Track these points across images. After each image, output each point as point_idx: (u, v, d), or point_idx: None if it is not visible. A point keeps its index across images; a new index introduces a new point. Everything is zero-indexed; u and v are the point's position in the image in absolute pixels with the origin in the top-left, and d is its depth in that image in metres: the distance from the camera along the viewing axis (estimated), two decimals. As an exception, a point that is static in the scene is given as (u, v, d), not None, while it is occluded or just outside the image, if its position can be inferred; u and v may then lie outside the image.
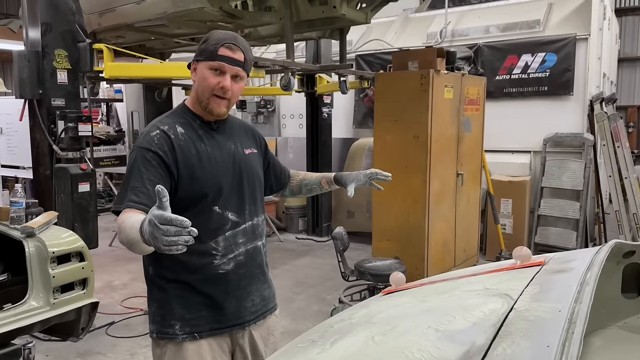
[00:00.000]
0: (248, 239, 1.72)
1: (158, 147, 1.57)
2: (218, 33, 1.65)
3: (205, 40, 1.64)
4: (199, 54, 1.63)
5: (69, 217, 3.94)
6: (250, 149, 1.79)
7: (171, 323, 1.64)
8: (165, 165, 1.57)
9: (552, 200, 5.87)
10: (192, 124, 1.67)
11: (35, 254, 2.73)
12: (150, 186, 1.49)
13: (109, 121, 9.87)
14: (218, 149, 1.68)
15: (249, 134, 1.85)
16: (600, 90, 5.96)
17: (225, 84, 1.60)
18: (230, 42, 1.60)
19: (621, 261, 1.41)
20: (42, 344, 3.47)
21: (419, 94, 4.03)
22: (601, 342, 1.30)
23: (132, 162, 1.58)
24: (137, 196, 1.49)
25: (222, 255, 1.65)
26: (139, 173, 1.54)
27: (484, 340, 0.97)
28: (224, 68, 1.60)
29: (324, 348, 1.23)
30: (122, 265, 5.79)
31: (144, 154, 1.56)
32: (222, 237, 1.65)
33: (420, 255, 4.14)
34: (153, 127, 1.64)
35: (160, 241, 1.17)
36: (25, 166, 7.34)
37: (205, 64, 1.61)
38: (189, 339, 1.64)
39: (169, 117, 1.68)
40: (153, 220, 1.18)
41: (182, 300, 1.65)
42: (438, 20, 6.98)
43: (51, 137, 4.14)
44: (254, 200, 1.76)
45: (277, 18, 4.42)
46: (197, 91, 1.66)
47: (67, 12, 4.26)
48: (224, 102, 1.64)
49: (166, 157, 1.57)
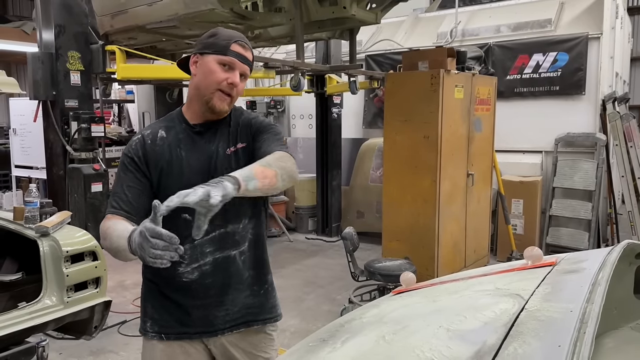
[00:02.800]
0: (217, 248, 1.62)
1: (134, 153, 1.62)
2: (226, 30, 1.64)
3: (212, 34, 1.61)
4: (206, 47, 1.59)
5: (82, 216, 3.99)
6: (235, 146, 1.65)
7: (144, 319, 1.72)
8: (140, 170, 1.61)
9: (563, 200, 5.82)
10: (175, 128, 1.66)
11: (49, 253, 2.76)
12: (128, 192, 1.58)
13: (120, 122, 9.95)
14: (195, 152, 1.63)
15: (244, 128, 1.68)
16: (612, 90, 5.90)
17: (235, 79, 1.57)
18: (242, 41, 1.61)
19: (634, 262, 1.40)
20: (55, 342, 3.51)
21: (429, 94, 4.02)
22: (613, 343, 1.29)
23: (118, 168, 1.67)
24: (116, 202, 1.57)
25: (186, 264, 1.61)
26: (119, 179, 1.62)
27: (495, 340, 0.98)
28: (235, 64, 1.57)
29: (335, 347, 1.24)
30: (134, 264, 5.80)
31: (124, 160, 1.64)
32: (188, 246, 1.57)
33: (430, 255, 4.13)
34: (140, 131, 1.69)
35: (147, 253, 1.23)
36: (38, 166, 7.43)
37: (214, 57, 1.57)
38: (157, 338, 1.68)
39: (158, 122, 1.73)
40: (144, 232, 1.23)
41: (153, 301, 1.71)
42: (448, 19, 6.95)
43: (64, 138, 4.19)
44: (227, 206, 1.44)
45: (287, 19, 4.44)
46: (198, 86, 1.60)
47: (80, 14, 4.31)
48: (228, 99, 1.60)
49: (139, 161, 1.61)
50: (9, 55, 10.89)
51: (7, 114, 9.30)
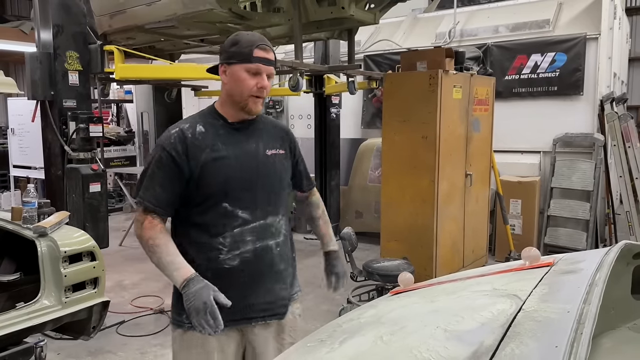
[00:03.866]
0: (258, 237, 1.75)
1: (172, 147, 1.67)
2: (245, 35, 1.72)
3: (234, 43, 1.69)
4: (231, 56, 1.69)
5: (80, 217, 3.98)
6: (275, 150, 1.83)
7: (180, 312, 1.73)
8: (177, 165, 1.67)
9: (562, 200, 5.83)
10: (214, 124, 1.75)
11: (47, 254, 2.76)
12: (164, 188, 1.68)
13: (119, 122, 9.95)
14: (237, 148, 1.74)
15: (278, 134, 1.89)
16: (610, 90, 5.91)
17: (264, 83, 1.69)
18: (263, 44, 1.69)
19: (631, 262, 1.41)
20: (53, 342, 3.51)
21: (427, 94, 4.02)
22: (611, 343, 1.30)
23: (150, 159, 1.72)
24: (153, 198, 1.68)
25: (227, 250, 1.71)
26: (154, 174, 1.69)
27: (492, 341, 0.98)
28: (261, 69, 1.68)
29: (333, 347, 1.24)
30: (133, 264, 5.83)
31: (160, 154, 1.69)
32: (229, 233, 1.71)
33: (428, 255, 4.13)
34: (176, 124, 1.75)
35: (196, 319, 1.54)
36: (37, 166, 7.43)
37: (241, 66, 1.68)
38: (193, 329, 1.68)
39: (194, 117, 1.78)
40: (208, 307, 1.53)
41: None
42: (447, 20, 6.95)
43: (63, 138, 4.18)
44: (269, 201, 1.79)
45: (285, 19, 4.44)
46: (231, 93, 1.73)
47: (79, 14, 4.30)
48: (260, 101, 1.74)
49: (178, 156, 1.67)
50: (7, 55, 10.88)
51: (6, 113, 9.29)
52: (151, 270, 5.54)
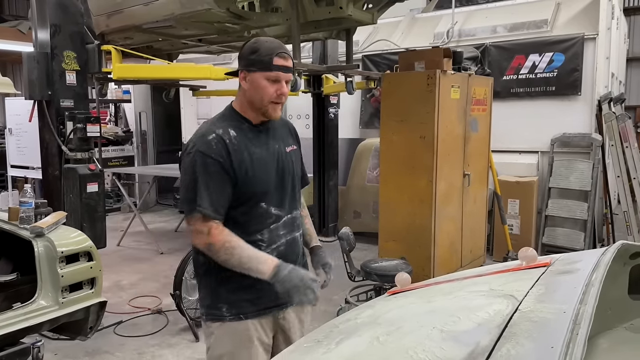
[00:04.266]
0: (288, 230, 1.89)
1: (217, 154, 1.72)
2: (265, 42, 1.76)
3: (254, 50, 1.74)
4: (251, 64, 1.74)
5: (77, 217, 3.98)
6: (291, 146, 1.95)
7: (218, 306, 1.81)
8: (225, 170, 1.73)
9: (559, 200, 5.83)
10: (241, 127, 1.80)
11: (44, 254, 2.75)
12: (214, 194, 1.72)
13: (117, 122, 9.93)
14: (265, 149, 1.83)
15: (289, 130, 2.00)
16: (608, 90, 5.91)
17: (284, 90, 1.77)
18: (282, 51, 1.75)
19: (628, 262, 1.41)
20: (50, 342, 3.50)
21: (425, 95, 4.02)
22: (607, 343, 1.30)
23: (193, 166, 1.73)
24: (214, 206, 1.71)
25: (266, 245, 1.82)
26: (204, 180, 1.71)
27: (489, 341, 0.98)
28: (280, 77, 1.75)
29: (330, 348, 1.24)
30: (130, 264, 5.83)
31: (205, 160, 1.71)
32: (266, 230, 1.83)
33: (426, 255, 4.13)
34: (208, 130, 1.76)
35: (298, 297, 1.66)
36: (34, 166, 7.42)
37: (261, 74, 1.73)
38: (235, 319, 1.80)
39: (221, 121, 1.81)
40: (305, 283, 1.66)
41: (230, 285, 1.80)
42: (445, 20, 6.96)
43: (60, 138, 4.18)
44: (293, 195, 1.92)
45: (283, 19, 4.43)
46: (251, 99, 1.78)
47: (76, 13, 4.29)
48: (280, 106, 1.81)
49: (225, 162, 1.73)
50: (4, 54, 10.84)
51: (3, 113, 9.28)
52: (149, 271, 5.58)
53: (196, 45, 5.39)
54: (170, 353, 3.68)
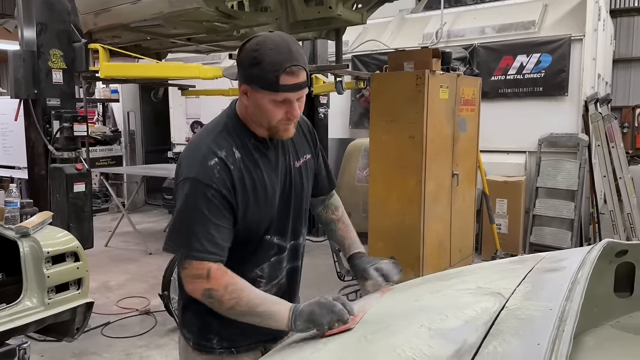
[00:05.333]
0: (289, 260, 1.65)
1: (221, 185, 1.40)
2: (269, 52, 1.35)
3: (255, 63, 1.36)
4: (252, 79, 1.38)
5: (64, 217, 3.93)
6: (304, 157, 1.63)
7: (209, 337, 1.59)
8: (229, 203, 1.42)
9: (547, 200, 5.89)
10: (247, 145, 1.48)
11: (29, 254, 2.72)
12: (215, 232, 1.39)
13: (105, 121, 9.85)
14: (272, 170, 1.52)
15: (304, 134, 1.66)
16: (595, 91, 5.98)
17: (293, 112, 1.43)
18: (291, 65, 1.36)
19: (614, 260, 1.42)
20: (37, 344, 3.46)
21: (414, 95, 4.03)
22: (594, 341, 1.31)
23: (189, 199, 1.40)
24: (202, 245, 1.38)
25: (266, 282, 1.59)
26: (202, 216, 1.39)
27: (476, 339, 0.98)
28: (290, 98, 1.40)
29: (317, 347, 1.24)
30: (118, 265, 5.78)
31: (205, 191, 1.39)
32: (267, 264, 1.58)
33: (415, 255, 4.14)
34: (209, 151, 1.42)
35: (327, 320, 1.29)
36: (20, 166, 7.31)
37: (265, 94, 1.38)
38: (226, 353, 1.60)
39: (222, 137, 1.47)
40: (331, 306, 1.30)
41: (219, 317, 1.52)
42: (434, 21, 6.99)
43: (46, 137, 4.13)
44: (299, 220, 1.65)
45: (273, 18, 4.42)
46: (254, 118, 1.47)
47: (63, 11, 4.25)
48: (292, 124, 1.48)
49: (229, 195, 1.42)
50: (-10, 53, 10.71)
51: (-12, 112, 9.13)
52: (137, 271, 5.54)
53: (185, 44, 5.36)
54: (159, 354, 3.65)
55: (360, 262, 1.66)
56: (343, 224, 1.80)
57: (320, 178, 1.75)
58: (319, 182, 1.76)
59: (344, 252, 1.76)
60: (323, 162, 1.76)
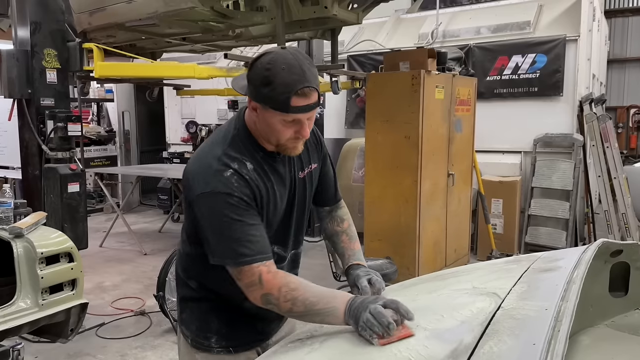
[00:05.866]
0: (289, 269, 1.63)
1: (240, 191, 1.39)
2: (281, 72, 1.33)
3: (267, 82, 1.34)
4: (262, 99, 1.37)
5: (58, 217, 3.91)
6: (309, 167, 1.62)
7: (207, 335, 1.61)
8: (251, 206, 1.43)
9: (542, 200, 5.91)
10: (256, 157, 1.47)
11: (23, 255, 2.70)
12: (255, 231, 1.40)
13: (99, 121, 9.81)
14: (280, 182, 1.53)
15: (311, 143, 1.63)
16: (589, 91, 6.00)
17: (303, 132, 1.42)
18: (303, 87, 1.34)
19: (609, 260, 1.42)
20: (31, 345, 3.44)
21: (410, 95, 4.04)
22: (589, 340, 1.31)
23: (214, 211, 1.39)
24: (248, 249, 1.38)
25: None
26: (234, 222, 1.38)
27: (472, 339, 0.98)
28: (301, 119, 1.39)
29: (314, 347, 1.23)
30: (113, 266, 5.75)
31: (228, 200, 1.38)
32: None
33: (411, 255, 4.15)
34: (221, 164, 1.41)
35: (375, 328, 1.19)
36: (14, 166, 7.26)
37: (274, 114, 1.37)
38: (224, 352, 1.61)
39: (232, 148, 1.45)
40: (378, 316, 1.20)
41: (220, 316, 1.61)
42: (429, 21, 7.00)
43: (40, 137, 4.11)
44: (300, 230, 1.67)
45: (268, 18, 4.41)
46: (264, 133, 1.46)
47: (57, 11, 4.23)
48: (301, 142, 1.48)
49: (249, 199, 1.42)
50: (-16, 52, 10.66)
51: (-18, 112, 9.08)
52: (132, 272, 5.52)
53: (180, 44, 5.34)
54: (154, 355, 3.64)
55: (353, 273, 1.65)
56: (347, 236, 1.77)
57: (326, 187, 1.74)
58: (324, 191, 1.75)
59: (342, 263, 1.73)
60: (331, 172, 1.75)
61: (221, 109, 8.55)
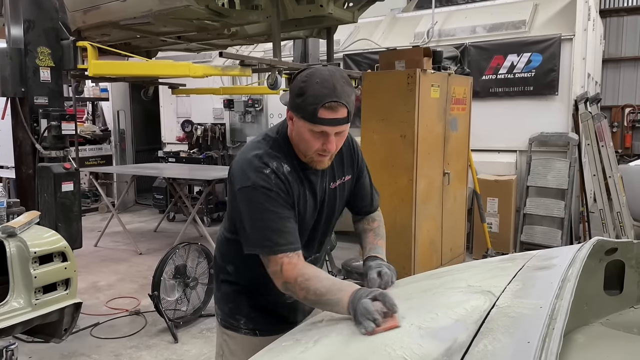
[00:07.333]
0: None
1: (277, 187, 1.52)
2: (314, 85, 1.45)
3: (300, 93, 1.46)
4: (295, 108, 1.50)
5: (52, 216, 3.89)
6: (341, 179, 1.73)
7: (237, 317, 1.77)
8: (286, 201, 1.55)
9: (537, 199, 5.92)
10: (292, 163, 1.59)
11: (16, 254, 2.68)
12: (287, 223, 1.52)
13: (94, 120, 9.76)
14: (310, 190, 1.64)
15: (348, 154, 1.76)
16: (584, 90, 6.02)
17: (328, 146, 1.51)
18: (331, 101, 1.44)
19: (603, 258, 1.42)
20: (25, 345, 3.42)
21: (405, 93, 4.03)
22: (584, 338, 1.31)
23: (253, 202, 1.52)
24: (284, 238, 1.50)
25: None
26: (272, 213, 1.51)
27: (466, 337, 0.98)
28: (327, 132, 1.48)
29: (307, 347, 1.23)
30: (108, 265, 5.73)
31: (266, 193, 1.51)
32: None
33: (407, 254, 4.15)
34: (261, 162, 1.54)
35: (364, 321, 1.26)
36: (8, 165, 7.23)
37: (305, 124, 1.48)
38: (250, 334, 1.76)
39: (274, 151, 1.58)
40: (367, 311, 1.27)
41: (251, 301, 1.75)
42: (425, 20, 7.00)
43: (34, 136, 4.08)
44: (325, 236, 1.80)
45: (264, 17, 4.40)
46: (296, 144, 1.58)
47: (51, 9, 4.20)
48: (327, 158, 1.58)
49: (285, 195, 1.54)
50: (-23, 51, 10.60)
51: (-24, 111, 9.02)
52: (127, 271, 5.50)
53: (175, 42, 5.32)
54: (149, 354, 3.62)
55: (367, 264, 1.72)
56: (374, 234, 1.88)
57: (360, 198, 1.85)
58: (360, 201, 1.86)
59: (363, 255, 1.83)
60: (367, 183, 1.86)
61: (217, 107, 8.53)
